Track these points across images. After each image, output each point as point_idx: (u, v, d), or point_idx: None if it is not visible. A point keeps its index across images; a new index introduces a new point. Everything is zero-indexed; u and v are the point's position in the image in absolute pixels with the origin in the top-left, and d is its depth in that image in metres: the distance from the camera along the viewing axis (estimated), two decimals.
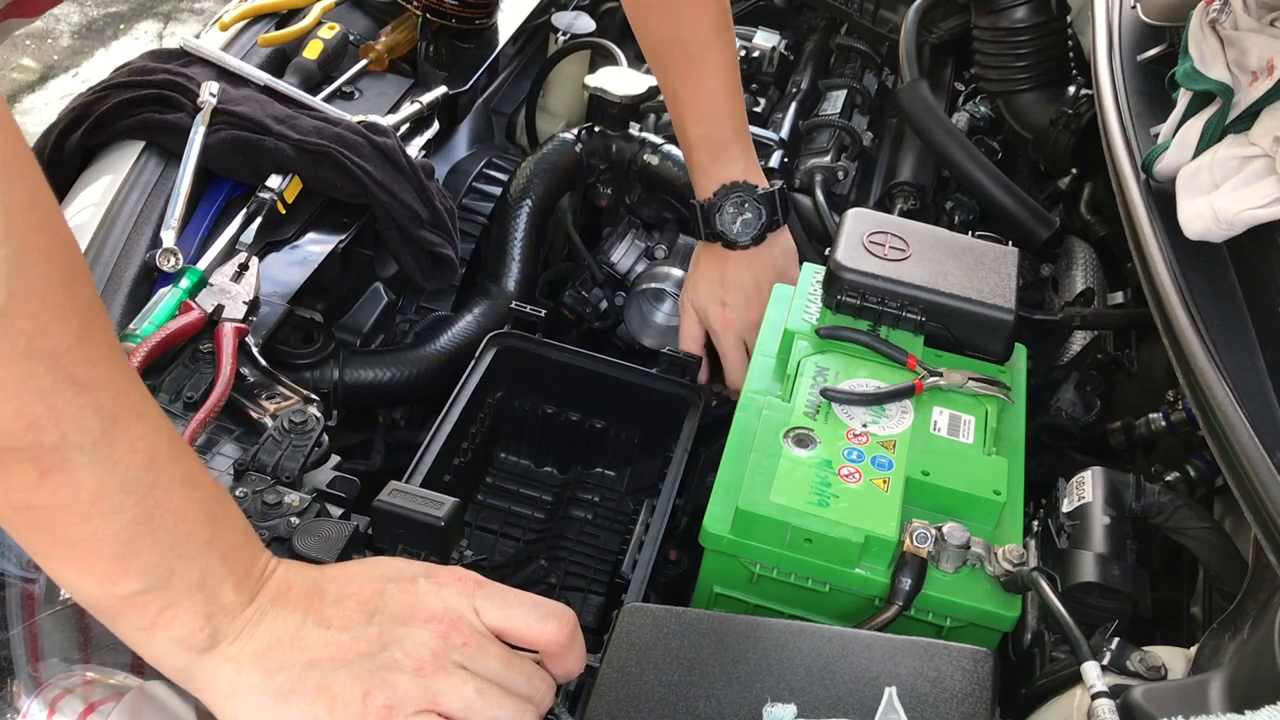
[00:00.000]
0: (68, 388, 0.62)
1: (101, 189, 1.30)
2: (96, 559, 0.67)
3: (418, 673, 0.74)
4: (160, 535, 0.68)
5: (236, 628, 0.73)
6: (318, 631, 0.74)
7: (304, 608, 0.75)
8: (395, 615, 0.76)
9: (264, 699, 0.72)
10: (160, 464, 0.68)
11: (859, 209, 1.42)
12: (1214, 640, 0.95)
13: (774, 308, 1.40)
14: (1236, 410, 0.97)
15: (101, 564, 0.67)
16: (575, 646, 0.84)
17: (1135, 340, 1.54)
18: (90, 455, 0.64)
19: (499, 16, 1.94)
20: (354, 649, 0.73)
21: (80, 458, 0.63)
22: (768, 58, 2.08)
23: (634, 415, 1.45)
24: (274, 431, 1.09)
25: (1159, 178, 1.23)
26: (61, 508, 0.64)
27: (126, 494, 0.66)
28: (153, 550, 0.68)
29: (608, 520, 1.44)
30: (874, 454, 1.15)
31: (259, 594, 0.74)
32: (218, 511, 0.74)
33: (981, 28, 1.84)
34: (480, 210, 1.75)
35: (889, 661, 0.93)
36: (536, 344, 1.44)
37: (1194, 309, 1.08)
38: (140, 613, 0.70)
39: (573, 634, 0.84)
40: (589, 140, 1.77)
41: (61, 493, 0.64)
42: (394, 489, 1.09)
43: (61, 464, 0.63)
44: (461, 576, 0.81)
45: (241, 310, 1.22)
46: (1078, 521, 1.13)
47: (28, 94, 3.79)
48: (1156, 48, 1.44)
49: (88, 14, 4.22)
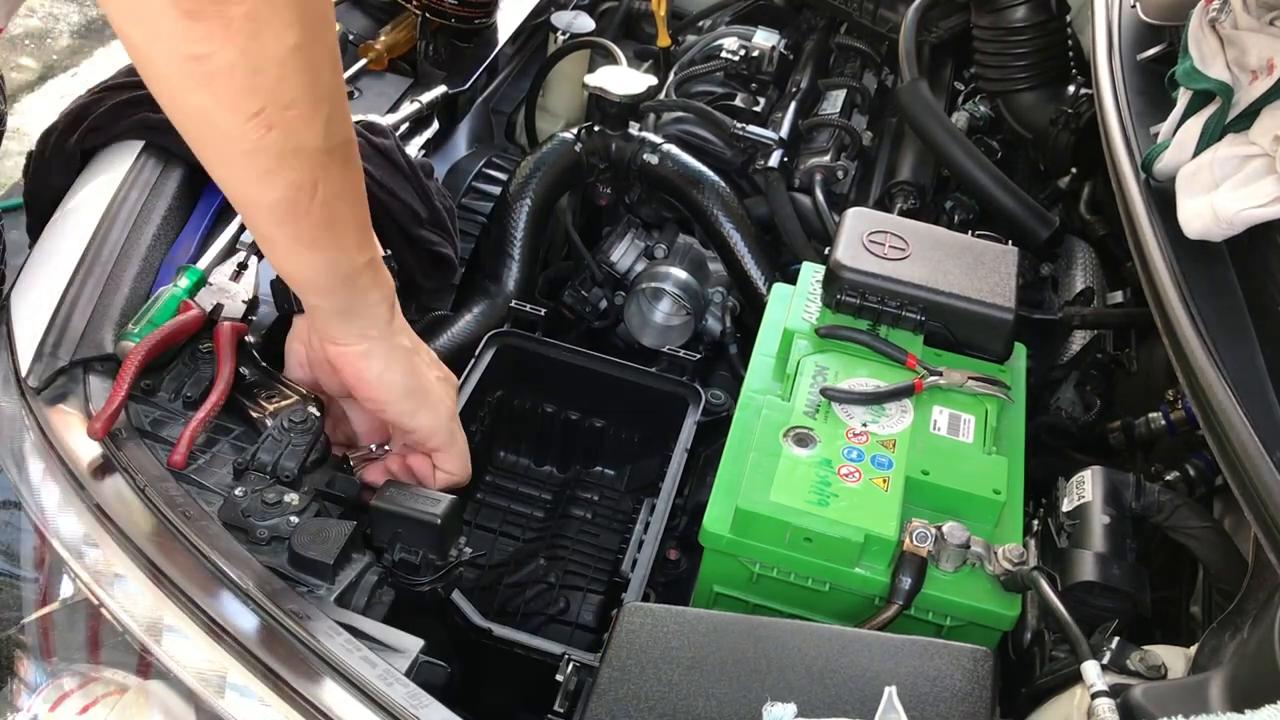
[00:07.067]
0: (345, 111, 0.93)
1: (101, 189, 1.30)
2: (356, 231, 0.99)
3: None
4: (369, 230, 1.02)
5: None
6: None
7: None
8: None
9: (406, 361, 1.09)
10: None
11: (859, 208, 1.42)
12: (1214, 639, 0.95)
13: (774, 307, 1.40)
14: (1236, 409, 0.97)
15: (357, 237, 0.99)
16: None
17: (1135, 340, 1.54)
18: (355, 158, 0.96)
19: (499, 16, 1.94)
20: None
21: (355, 156, 0.95)
22: (767, 57, 2.08)
23: (634, 414, 1.45)
24: (274, 430, 1.09)
25: (1159, 177, 1.23)
26: (348, 192, 0.95)
27: (361, 196, 0.99)
28: (371, 237, 1.02)
29: (607, 519, 1.44)
30: (874, 453, 1.15)
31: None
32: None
33: (981, 27, 1.84)
34: (480, 210, 1.75)
35: (889, 661, 0.93)
36: (536, 343, 1.44)
37: (1194, 308, 1.08)
38: (373, 273, 1.02)
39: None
40: (588, 139, 1.77)
41: (352, 177, 0.95)
42: (392, 487, 1.09)
43: (350, 158, 0.95)
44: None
45: (241, 309, 1.22)
46: (1077, 521, 1.13)
47: (27, 94, 3.79)
48: (1156, 47, 1.44)
49: (87, 14, 4.22)
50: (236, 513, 1.02)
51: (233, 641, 0.94)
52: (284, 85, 0.84)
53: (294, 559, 1.00)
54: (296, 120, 0.86)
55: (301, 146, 0.88)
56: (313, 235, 0.96)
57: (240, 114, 0.83)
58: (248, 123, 0.84)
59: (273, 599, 0.96)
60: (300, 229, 0.95)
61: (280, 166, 0.88)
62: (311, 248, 0.97)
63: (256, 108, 0.83)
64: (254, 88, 0.83)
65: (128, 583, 0.98)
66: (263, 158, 0.87)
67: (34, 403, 1.08)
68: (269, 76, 0.83)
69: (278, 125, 0.85)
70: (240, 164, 0.89)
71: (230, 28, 0.79)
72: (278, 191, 0.90)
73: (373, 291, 1.03)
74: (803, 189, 1.82)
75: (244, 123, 0.84)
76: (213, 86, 0.82)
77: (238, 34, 0.79)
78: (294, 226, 0.94)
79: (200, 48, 0.79)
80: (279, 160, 0.88)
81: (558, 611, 1.32)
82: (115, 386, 1.07)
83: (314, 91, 0.87)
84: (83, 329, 1.14)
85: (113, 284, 1.20)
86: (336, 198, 0.94)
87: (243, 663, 0.93)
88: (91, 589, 0.99)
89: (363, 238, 1.00)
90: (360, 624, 0.98)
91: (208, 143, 0.89)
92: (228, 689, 0.93)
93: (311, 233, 0.95)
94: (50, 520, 1.03)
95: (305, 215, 0.93)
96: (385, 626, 0.99)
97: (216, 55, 0.80)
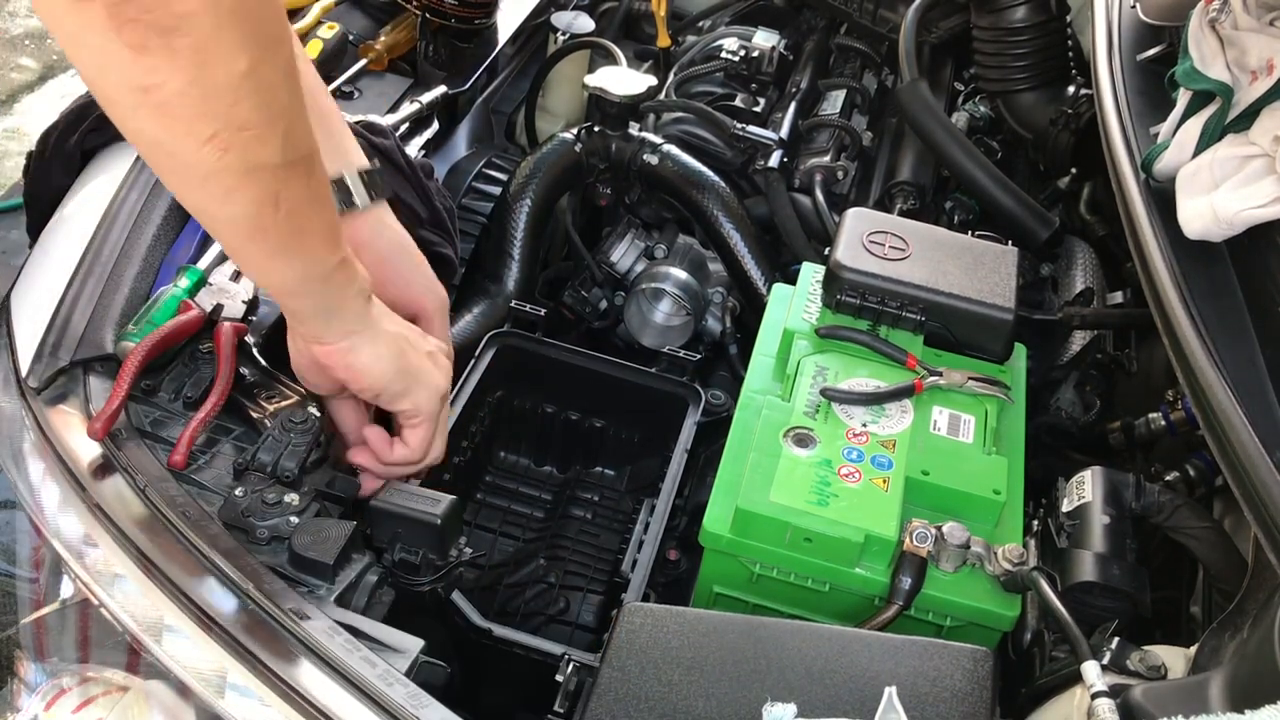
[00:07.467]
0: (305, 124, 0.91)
1: (101, 189, 1.30)
2: (325, 236, 0.98)
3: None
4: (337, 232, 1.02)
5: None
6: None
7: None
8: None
9: (394, 345, 1.09)
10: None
11: (859, 209, 1.42)
12: (1214, 640, 0.95)
13: (774, 307, 1.40)
14: (1236, 410, 0.97)
15: (326, 240, 0.99)
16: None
17: (1135, 340, 1.54)
18: (318, 167, 0.95)
19: (499, 16, 1.94)
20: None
21: (319, 165, 0.94)
22: (767, 57, 2.08)
23: (633, 414, 1.45)
24: (274, 430, 1.09)
25: (1159, 177, 1.23)
26: (313, 200, 0.95)
27: (327, 201, 0.99)
28: (339, 238, 1.01)
29: (607, 519, 1.44)
30: (874, 453, 1.15)
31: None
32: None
33: (981, 27, 1.84)
34: (480, 210, 1.75)
35: (889, 661, 0.93)
36: (536, 343, 1.44)
37: (1194, 309, 1.08)
38: (346, 271, 1.02)
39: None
40: (588, 140, 1.77)
41: (315, 187, 0.95)
42: (391, 487, 1.09)
43: (314, 169, 0.94)
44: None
45: (241, 309, 1.22)
46: (1077, 521, 1.13)
47: (27, 94, 3.79)
48: (1156, 47, 1.44)
49: None
50: (236, 513, 1.02)
51: (233, 641, 0.94)
52: (237, 109, 0.83)
53: (294, 559, 1.00)
54: (253, 140, 0.85)
55: (260, 165, 0.87)
56: (281, 245, 0.95)
57: (194, 139, 0.83)
58: (203, 147, 0.83)
59: (273, 599, 0.96)
60: (268, 242, 0.94)
61: (241, 185, 0.88)
62: (282, 256, 0.97)
63: (210, 132, 0.83)
64: (206, 113, 0.82)
65: (127, 583, 0.98)
66: (222, 177, 0.87)
67: (34, 403, 1.08)
68: (221, 102, 0.82)
69: (234, 147, 0.84)
70: (200, 186, 0.88)
71: (177, 59, 0.78)
72: (240, 208, 0.90)
73: (348, 287, 1.03)
74: (803, 189, 1.82)
75: (199, 148, 0.83)
76: (164, 115, 0.81)
77: (186, 65, 0.79)
78: (261, 240, 0.94)
79: (149, 79, 0.79)
80: (239, 179, 0.87)
81: (558, 612, 1.33)
82: (115, 386, 1.07)
83: (269, 111, 0.86)
84: (83, 329, 1.14)
85: (113, 284, 1.20)
86: (301, 208, 0.93)
87: (242, 663, 0.93)
88: (91, 589, 0.99)
89: (331, 239, 1.00)
90: (360, 624, 0.98)
91: (164, 168, 0.89)
92: (227, 689, 0.93)
93: (280, 243, 0.95)
94: (50, 520, 1.03)
95: (271, 228, 0.92)
96: (385, 626, 0.99)
97: (166, 85, 0.79)
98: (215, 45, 0.79)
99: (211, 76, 0.80)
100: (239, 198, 0.89)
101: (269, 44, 0.84)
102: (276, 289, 1.03)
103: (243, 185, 0.88)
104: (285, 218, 0.92)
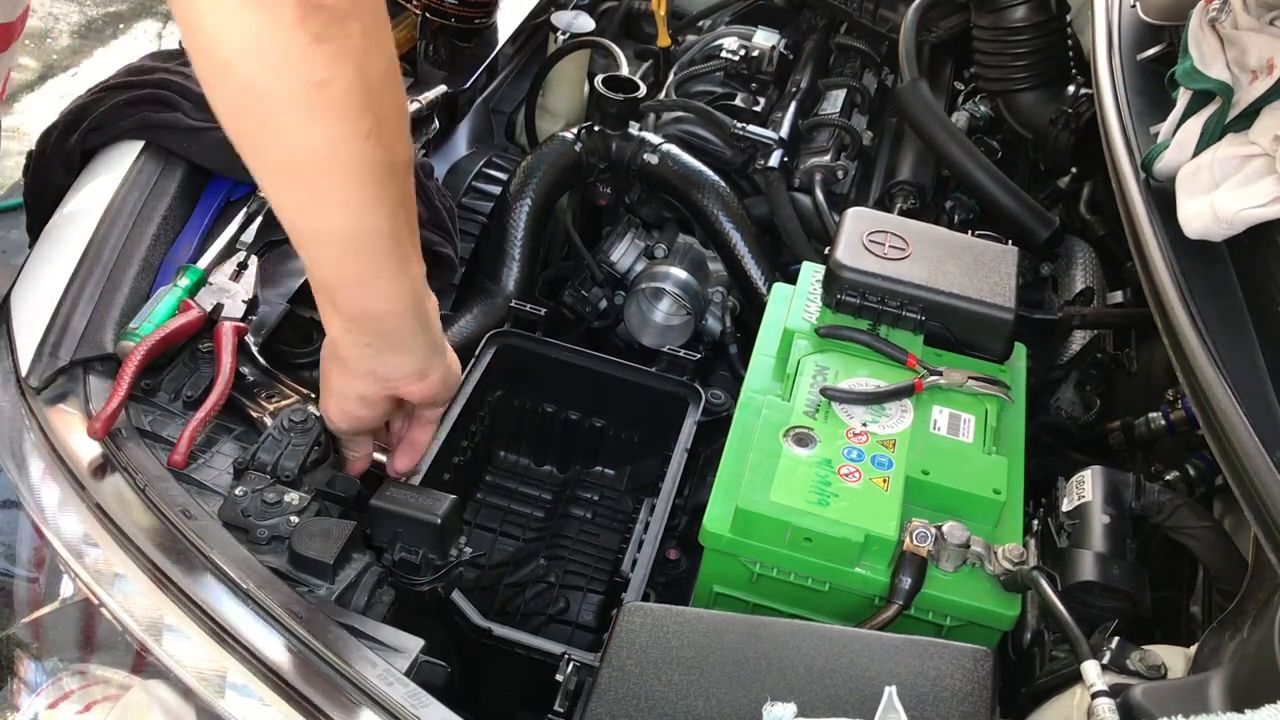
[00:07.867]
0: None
1: (101, 189, 1.30)
2: (417, 243, 0.97)
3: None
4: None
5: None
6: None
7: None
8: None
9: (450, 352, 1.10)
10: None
11: (859, 208, 1.42)
12: (1214, 639, 0.95)
13: (774, 307, 1.40)
14: (1236, 409, 0.97)
15: (418, 245, 0.97)
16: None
17: (1135, 340, 1.54)
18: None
19: (499, 16, 1.94)
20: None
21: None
22: (767, 57, 2.08)
23: (633, 414, 1.45)
24: (274, 430, 1.09)
25: (1159, 177, 1.23)
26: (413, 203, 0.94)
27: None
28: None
29: (607, 519, 1.44)
30: (874, 453, 1.15)
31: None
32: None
33: (981, 27, 1.84)
34: (480, 209, 1.74)
35: (889, 660, 0.93)
36: (536, 343, 1.44)
37: (1194, 308, 1.08)
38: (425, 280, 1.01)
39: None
40: (588, 139, 1.77)
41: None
42: (391, 487, 1.09)
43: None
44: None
45: (241, 309, 1.22)
46: (1077, 521, 1.13)
47: (27, 94, 3.78)
48: (1156, 47, 1.44)
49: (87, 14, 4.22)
50: (236, 513, 1.03)
51: (233, 641, 0.94)
52: (384, 100, 0.85)
53: (294, 559, 1.00)
54: (393, 133, 0.87)
55: (396, 161, 0.88)
56: (404, 256, 0.94)
57: (358, 136, 0.84)
58: (365, 143, 0.84)
59: (273, 599, 0.96)
60: (399, 251, 0.93)
61: (384, 185, 0.88)
62: (403, 270, 0.95)
63: (369, 126, 0.84)
64: (368, 106, 0.83)
65: (128, 582, 0.98)
66: (371, 179, 0.87)
67: (34, 402, 1.08)
68: (375, 94, 0.84)
69: (382, 141, 0.85)
70: (349, 195, 0.87)
71: (349, 47, 0.80)
72: (384, 212, 0.90)
73: (430, 298, 1.03)
74: (803, 189, 1.82)
75: (362, 144, 0.84)
76: (334, 111, 0.82)
77: (355, 53, 0.81)
78: (395, 251, 0.93)
79: (324, 72, 0.80)
80: (383, 179, 0.88)
81: (558, 611, 1.32)
82: (115, 386, 1.07)
83: (399, 102, 0.88)
84: (83, 329, 1.14)
85: (113, 284, 1.20)
86: (412, 212, 0.94)
87: (242, 662, 0.93)
88: (91, 589, 0.99)
89: (418, 246, 0.99)
90: (360, 624, 0.99)
91: (317, 180, 0.87)
92: (227, 689, 0.94)
93: (405, 253, 0.94)
94: (50, 520, 1.03)
95: (405, 235, 0.92)
96: (385, 626, 0.99)
97: (337, 80, 0.81)
98: (377, 31, 0.82)
99: (372, 65, 0.82)
100: (385, 198, 0.89)
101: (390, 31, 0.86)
102: (397, 310, 0.99)
103: (385, 186, 0.88)
104: (406, 221, 0.93)
